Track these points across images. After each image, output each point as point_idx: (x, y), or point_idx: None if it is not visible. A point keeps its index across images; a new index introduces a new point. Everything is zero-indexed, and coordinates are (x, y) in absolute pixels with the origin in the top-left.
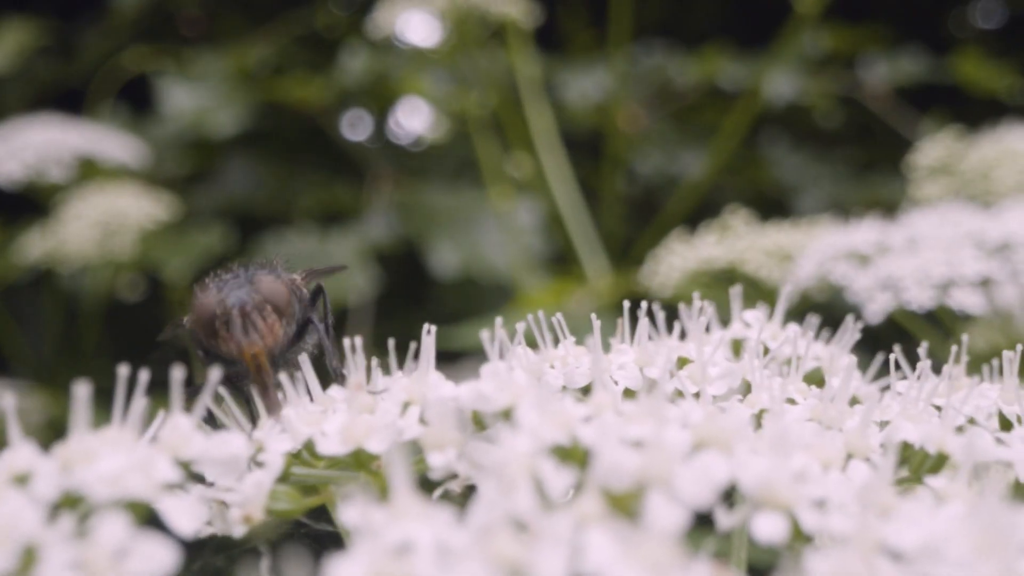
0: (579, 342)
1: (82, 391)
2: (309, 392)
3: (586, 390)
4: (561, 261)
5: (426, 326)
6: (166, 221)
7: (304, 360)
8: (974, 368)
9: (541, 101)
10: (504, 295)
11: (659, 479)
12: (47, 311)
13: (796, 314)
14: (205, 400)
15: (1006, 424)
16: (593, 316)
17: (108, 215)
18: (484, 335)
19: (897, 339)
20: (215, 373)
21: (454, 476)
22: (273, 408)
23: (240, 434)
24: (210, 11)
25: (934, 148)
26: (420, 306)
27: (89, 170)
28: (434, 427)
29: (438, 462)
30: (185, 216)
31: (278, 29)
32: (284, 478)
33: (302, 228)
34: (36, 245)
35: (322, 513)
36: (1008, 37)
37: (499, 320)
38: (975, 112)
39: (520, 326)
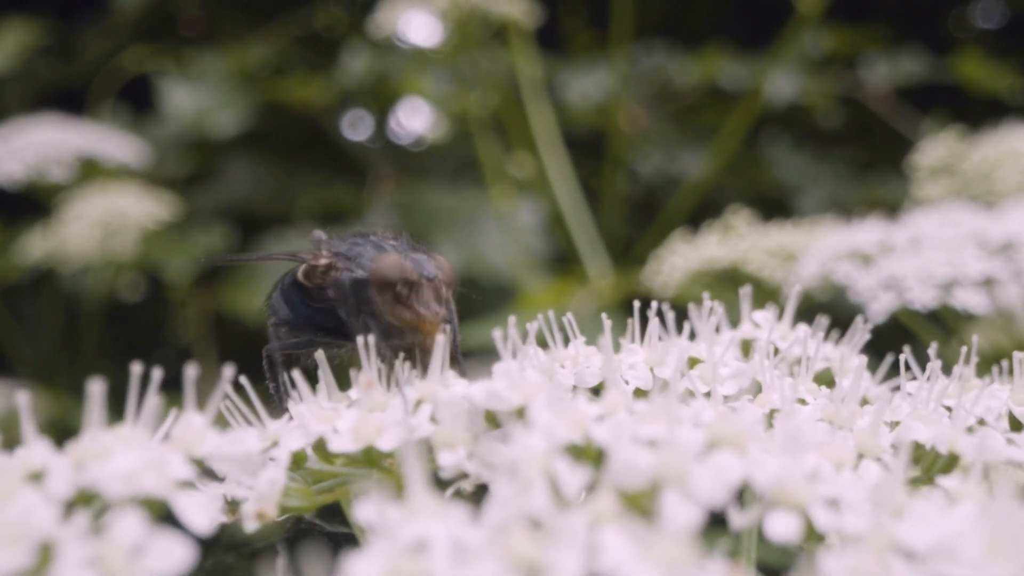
0: (586, 343)
1: (96, 388)
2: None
3: (596, 390)
4: (562, 261)
5: (440, 324)
6: (167, 221)
7: (320, 356)
8: (979, 368)
9: (542, 101)
10: (505, 295)
11: (674, 478)
12: (48, 311)
13: (799, 314)
14: (221, 395)
15: (1016, 425)
16: (604, 316)
17: (109, 215)
18: (496, 334)
19: (900, 340)
20: (228, 371)
21: (465, 475)
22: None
23: (253, 431)
24: (210, 11)
25: (936, 148)
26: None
27: (90, 170)
28: (445, 426)
29: (448, 461)
30: (186, 216)
31: (278, 29)
32: (296, 469)
33: (303, 228)
34: (37, 245)
35: (335, 513)
36: (1008, 37)
37: (512, 319)
38: (976, 112)
39: (532, 326)
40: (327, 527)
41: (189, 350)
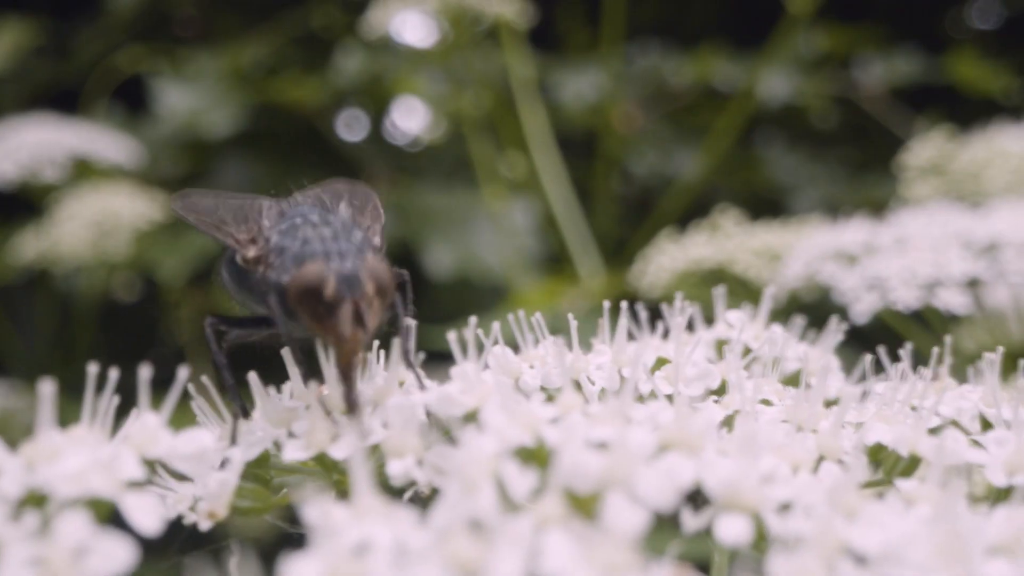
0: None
1: (47, 389)
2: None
3: None
4: (555, 261)
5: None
6: (161, 222)
7: (287, 352)
8: (962, 370)
9: (535, 101)
10: (498, 295)
11: (621, 480)
12: (41, 311)
13: (785, 314)
14: (175, 396)
15: (989, 427)
16: (570, 316)
17: (103, 215)
18: (451, 336)
19: (888, 341)
20: (183, 372)
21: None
22: (353, 405)
23: (210, 431)
24: (205, 11)
25: (925, 148)
26: (415, 306)
27: (84, 170)
28: (394, 433)
29: (397, 470)
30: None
31: (273, 29)
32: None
33: None
34: (30, 245)
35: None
36: (1005, 37)
37: (472, 319)
38: (971, 113)
39: (495, 325)
40: (290, 529)
41: (183, 350)
